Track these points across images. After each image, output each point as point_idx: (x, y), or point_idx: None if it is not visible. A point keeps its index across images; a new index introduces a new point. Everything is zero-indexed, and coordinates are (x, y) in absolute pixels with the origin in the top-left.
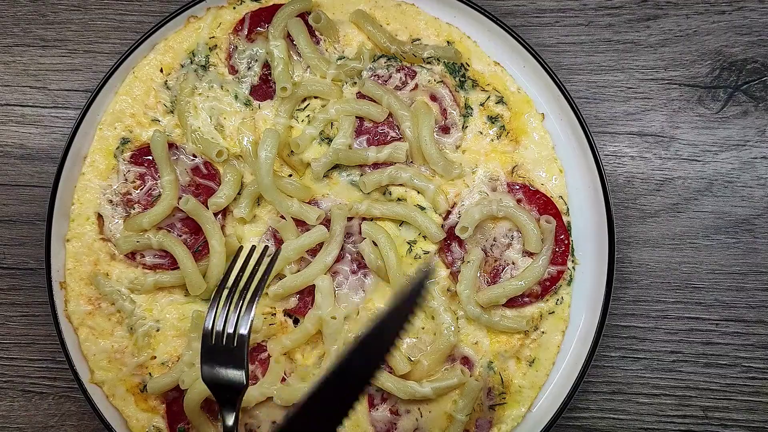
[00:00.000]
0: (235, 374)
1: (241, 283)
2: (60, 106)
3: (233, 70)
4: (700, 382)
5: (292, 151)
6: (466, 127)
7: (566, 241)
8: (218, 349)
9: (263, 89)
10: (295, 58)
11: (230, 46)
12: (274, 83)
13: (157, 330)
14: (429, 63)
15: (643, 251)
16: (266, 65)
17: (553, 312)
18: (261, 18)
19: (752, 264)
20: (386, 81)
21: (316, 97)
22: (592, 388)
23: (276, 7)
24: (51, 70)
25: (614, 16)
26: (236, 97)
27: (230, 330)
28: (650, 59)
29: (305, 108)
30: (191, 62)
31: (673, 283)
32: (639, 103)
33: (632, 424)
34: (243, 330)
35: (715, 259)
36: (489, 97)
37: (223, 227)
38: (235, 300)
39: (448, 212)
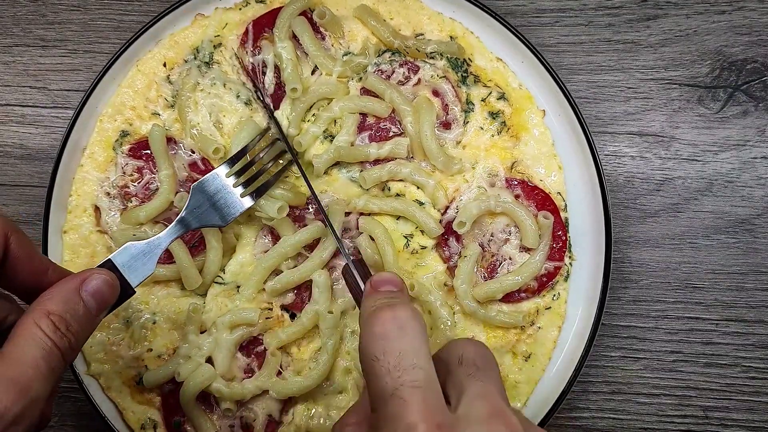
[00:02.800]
0: (217, 216)
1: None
2: (60, 106)
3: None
4: (700, 382)
5: None
6: (468, 122)
7: (564, 237)
8: (222, 187)
9: (276, 94)
10: (303, 57)
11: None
12: (284, 85)
13: (154, 323)
14: (432, 58)
15: (643, 251)
16: (275, 68)
17: (550, 307)
18: (263, 24)
19: (752, 264)
20: (390, 76)
21: None
22: (592, 388)
23: (278, 11)
24: (51, 70)
25: (614, 16)
26: (238, 95)
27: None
28: (650, 59)
29: (311, 107)
30: (195, 58)
31: (673, 283)
32: (639, 103)
33: (632, 424)
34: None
35: (715, 259)
36: (491, 92)
37: None
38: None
39: (446, 207)
